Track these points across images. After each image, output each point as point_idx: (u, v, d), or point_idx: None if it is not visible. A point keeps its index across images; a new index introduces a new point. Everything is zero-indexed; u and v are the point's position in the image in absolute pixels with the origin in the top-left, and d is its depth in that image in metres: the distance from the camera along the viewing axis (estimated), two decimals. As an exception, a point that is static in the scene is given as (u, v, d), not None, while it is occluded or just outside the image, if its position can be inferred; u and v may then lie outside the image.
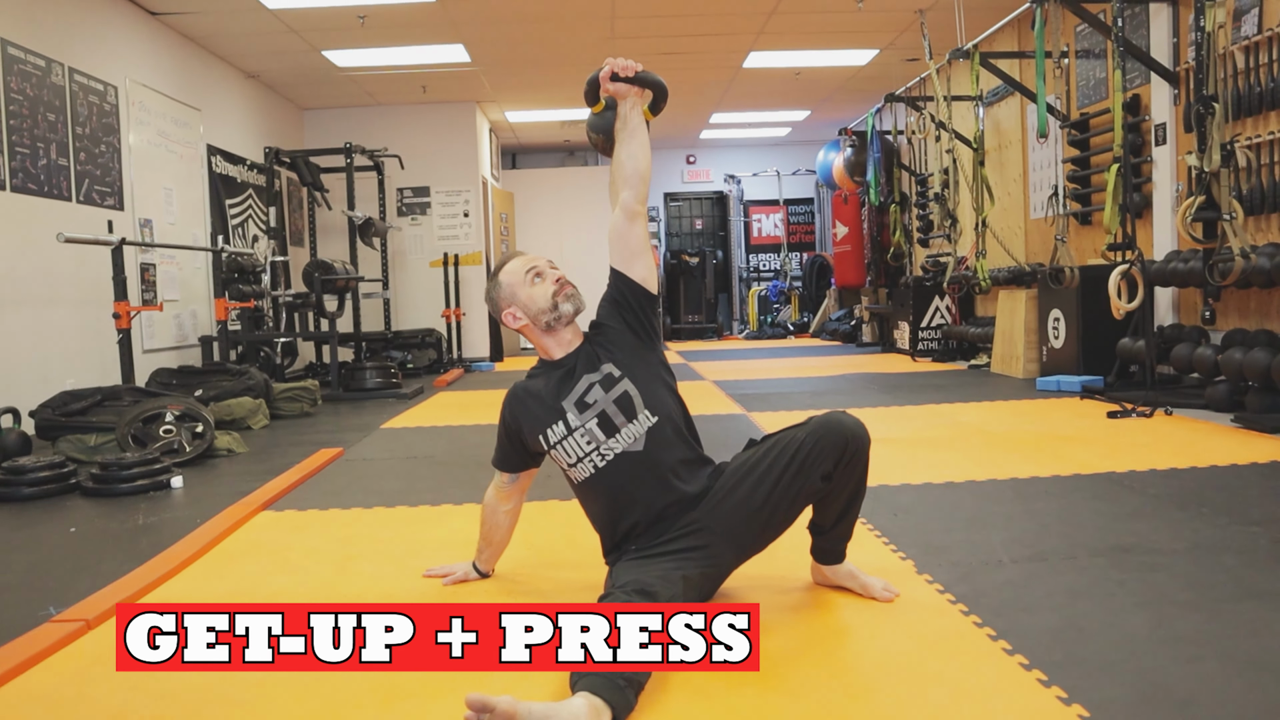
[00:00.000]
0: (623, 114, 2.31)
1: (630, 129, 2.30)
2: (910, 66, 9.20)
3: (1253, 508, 2.97)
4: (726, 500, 2.16)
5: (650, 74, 2.31)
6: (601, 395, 2.22)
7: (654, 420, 2.21)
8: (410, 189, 10.11)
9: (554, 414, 2.23)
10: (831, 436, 2.13)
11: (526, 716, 1.50)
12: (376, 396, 7.00)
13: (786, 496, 2.14)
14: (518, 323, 2.31)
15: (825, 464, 2.12)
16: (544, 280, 2.29)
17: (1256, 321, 4.94)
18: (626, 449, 2.19)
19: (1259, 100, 4.78)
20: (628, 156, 2.30)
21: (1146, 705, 1.66)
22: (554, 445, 2.24)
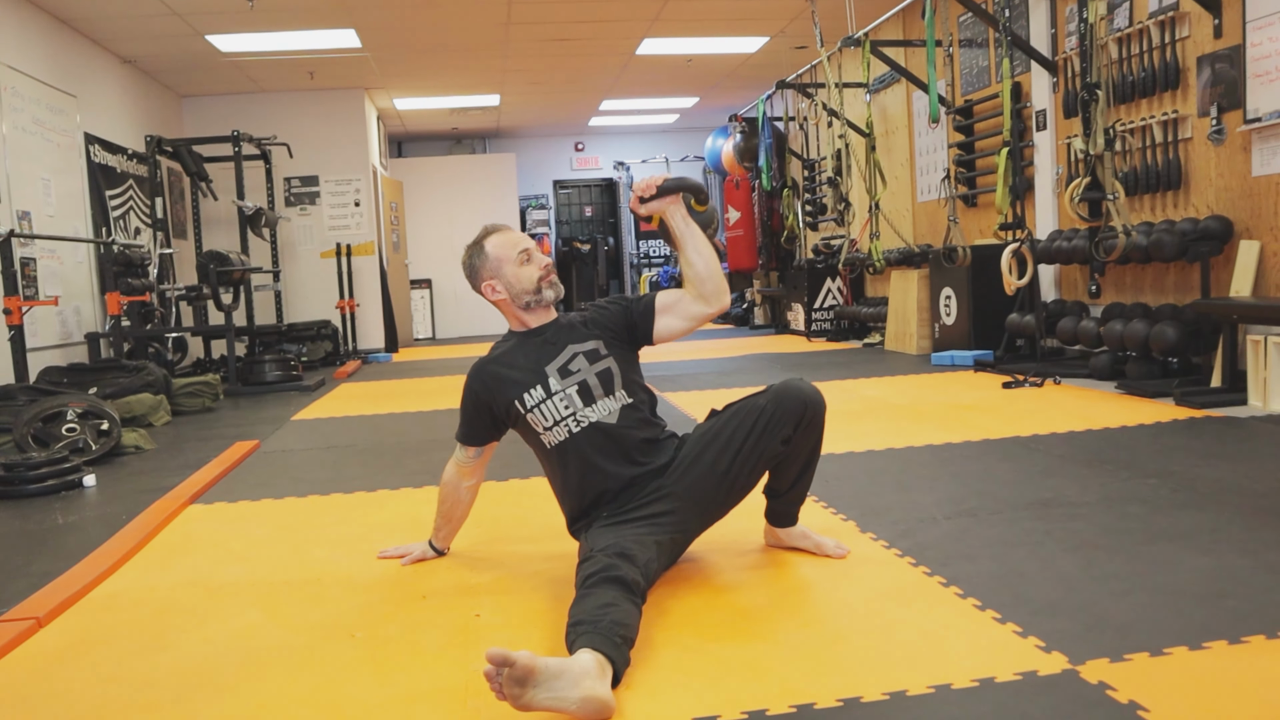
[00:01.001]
0: (673, 229, 2.32)
1: (683, 237, 2.31)
2: (798, 54, 9.44)
3: (1148, 463, 3.23)
4: (693, 468, 2.25)
5: (675, 181, 2.31)
6: (585, 366, 2.30)
7: (629, 401, 2.31)
8: (298, 178, 9.84)
9: (535, 377, 2.29)
10: (791, 402, 2.25)
11: (544, 670, 1.56)
12: (277, 390, 6.83)
13: (749, 461, 2.25)
14: (496, 295, 2.35)
15: (785, 428, 2.24)
16: (533, 263, 2.35)
17: (1132, 295, 5.31)
18: (601, 419, 2.26)
19: (1131, 88, 5.13)
20: (687, 265, 2.32)
21: (1092, 633, 1.82)
22: (530, 409, 2.28)
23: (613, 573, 1.90)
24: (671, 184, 2.29)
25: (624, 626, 1.76)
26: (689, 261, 2.32)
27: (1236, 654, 1.71)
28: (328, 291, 9.82)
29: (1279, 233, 4.36)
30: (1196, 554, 2.26)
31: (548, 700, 1.56)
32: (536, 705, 1.56)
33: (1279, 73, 4.29)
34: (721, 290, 2.33)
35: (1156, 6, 4.98)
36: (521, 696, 1.55)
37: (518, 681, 1.54)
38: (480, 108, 11.41)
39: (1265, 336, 4.00)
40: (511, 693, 1.54)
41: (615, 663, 1.67)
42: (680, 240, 2.31)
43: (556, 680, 1.57)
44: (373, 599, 2.30)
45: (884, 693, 1.62)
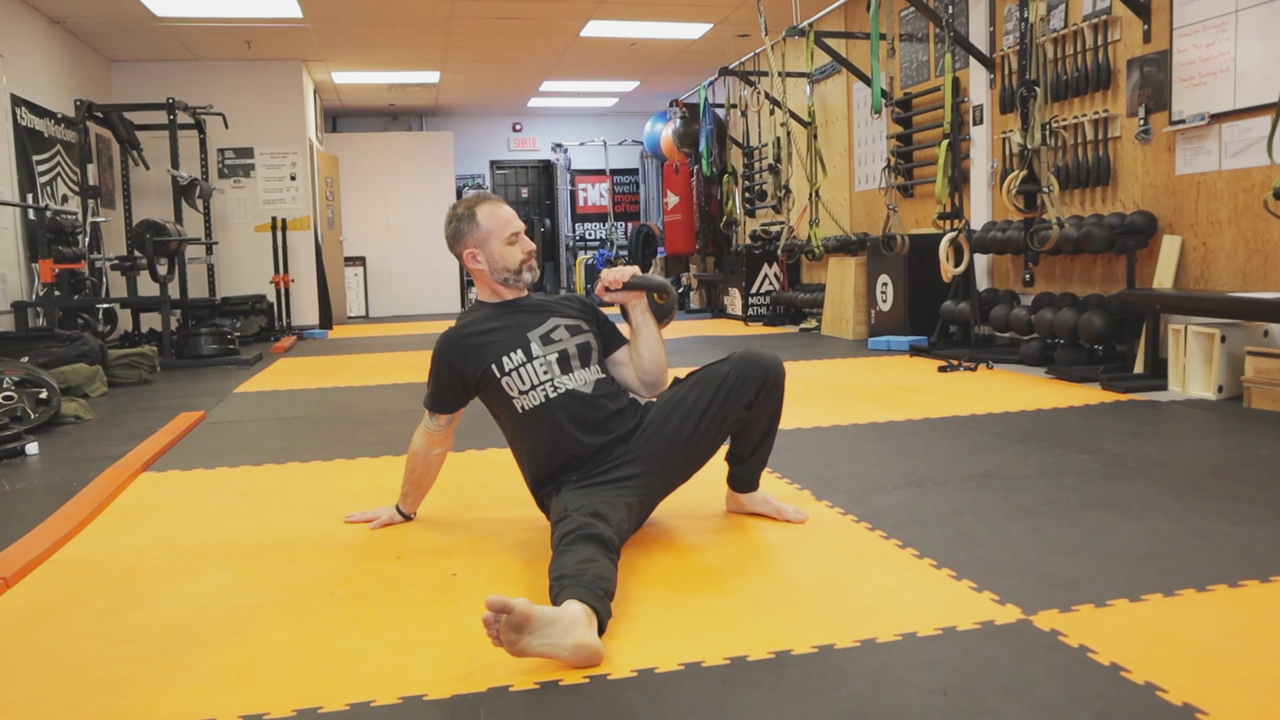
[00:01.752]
0: (631, 320, 2.48)
1: (639, 331, 2.47)
2: (740, 42, 9.56)
3: (1079, 441, 3.42)
4: (659, 432, 2.34)
5: (641, 279, 2.44)
6: (566, 336, 2.39)
7: (602, 376, 2.41)
8: (232, 150, 9.64)
9: (517, 340, 2.36)
10: (753, 368, 2.36)
11: (539, 617, 1.63)
12: (213, 364, 6.73)
13: (713, 426, 2.34)
14: (476, 264, 2.42)
15: (748, 393, 2.34)
16: (519, 246, 2.42)
17: (1061, 285, 5.55)
18: (576, 388, 2.34)
19: (1065, 87, 5.35)
20: (635, 354, 2.47)
21: (1042, 588, 1.96)
22: (509, 371, 2.34)
23: (590, 530, 1.97)
24: (638, 282, 2.44)
25: (605, 580, 1.83)
26: (638, 352, 2.47)
27: (1171, 605, 1.86)
28: (261, 266, 9.65)
29: (1199, 229, 4.61)
30: (1129, 520, 2.42)
31: (541, 646, 1.63)
32: (531, 651, 1.62)
33: (1202, 78, 4.52)
34: (659, 385, 2.46)
35: (1090, 10, 5.20)
36: (518, 642, 1.61)
37: (515, 628, 1.61)
38: (419, 84, 11.30)
39: (1185, 326, 4.23)
40: (508, 638, 1.61)
41: (600, 614, 1.74)
42: (635, 332, 2.48)
43: (550, 627, 1.64)
44: (347, 560, 2.34)
45: (855, 640, 1.73)
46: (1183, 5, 4.61)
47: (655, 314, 2.48)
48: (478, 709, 1.53)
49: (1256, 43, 4.25)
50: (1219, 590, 1.93)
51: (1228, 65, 4.39)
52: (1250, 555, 2.13)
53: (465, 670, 1.66)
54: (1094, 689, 1.51)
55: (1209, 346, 4.14)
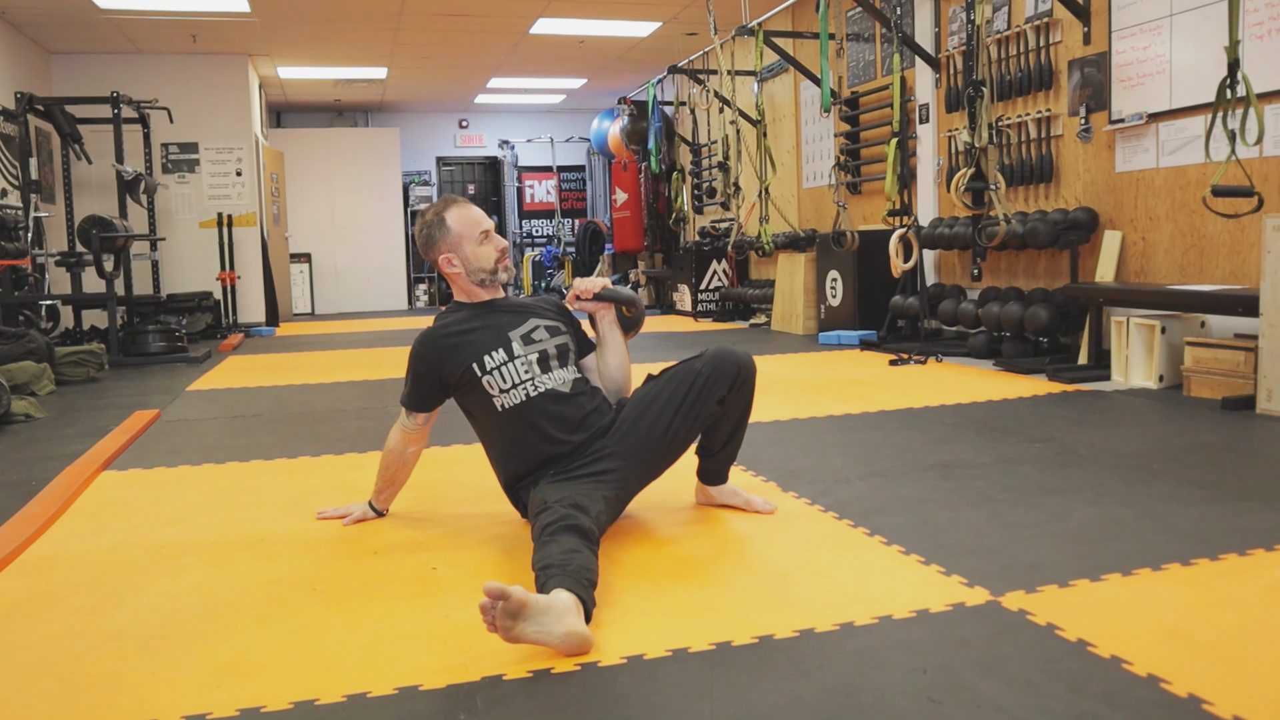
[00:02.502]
0: (599, 330, 2.55)
1: (605, 343, 2.54)
2: (689, 40, 9.62)
3: (1031, 430, 3.54)
4: (634, 428, 2.38)
5: (611, 291, 2.51)
6: (546, 337, 2.44)
7: (579, 376, 2.46)
8: (177, 144, 9.46)
9: (498, 340, 2.40)
10: (725, 364, 2.42)
11: (534, 605, 1.66)
12: (162, 361, 6.62)
13: (687, 420, 2.40)
14: (452, 268, 2.44)
15: (720, 389, 2.40)
16: (491, 242, 2.45)
17: (1006, 280, 5.70)
18: (555, 387, 2.38)
19: (1009, 87, 5.50)
20: (603, 364, 2.54)
21: (1008, 571, 2.04)
22: (490, 370, 2.37)
23: (571, 521, 2.01)
24: (608, 294, 2.51)
25: (589, 570, 1.88)
26: (605, 362, 2.53)
27: (1129, 584, 1.95)
28: (206, 262, 9.50)
29: (1139, 224, 4.78)
30: (1085, 505, 2.53)
31: (534, 633, 1.67)
32: (524, 638, 1.66)
33: (1140, 79, 4.69)
34: (623, 393, 2.53)
35: (1033, 12, 5.35)
36: (512, 629, 1.65)
37: (510, 614, 1.64)
38: (366, 80, 11.19)
39: (1128, 318, 4.39)
40: (504, 624, 1.65)
41: (586, 603, 1.79)
42: (602, 342, 2.55)
43: (544, 615, 1.68)
44: (324, 556, 2.35)
45: (834, 624, 1.79)
46: (1121, 9, 4.77)
47: (622, 325, 2.55)
48: (474, 697, 1.56)
49: (1190, 46, 4.43)
50: (1173, 569, 2.03)
51: (1164, 67, 4.56)
52: (1199, 535, 2.25)
53: (458, 660, 1.69)
54: (1064, 663, 1.60)
55: (1150, 338, 4.30)
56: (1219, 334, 4.25)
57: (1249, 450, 3.18)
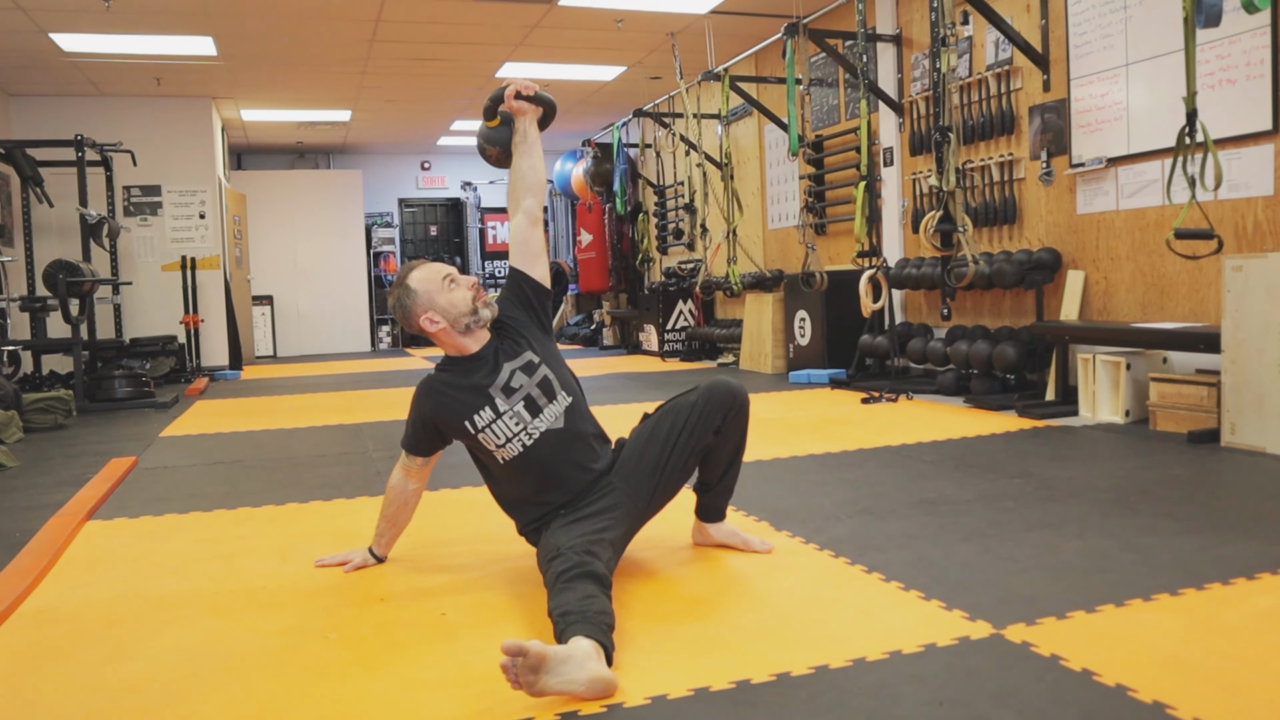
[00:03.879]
0: (522, 129, 2.59)
1: (529, 143, 2.59)
2: (653, 84, 9.80)
3: (1009, 465, 3.64)
4: (638, 466, 2.43)
5: (545, 94, 2.59)
6: (525, 380, 2.43)
7: (569, 400, 2.46)
8: (139, 187, 9.41)
9: (481, 399, 2.40)
10: (720, 394, 2.49)
11: (553, 656, 1.69)
12: (129, 407, 6.54)
13: (684, 452, 2.46)
14: (435, 326, 2.43)
15: (716, 419, 2.47)
16: (460, 285, 2.45)
17: (972, 318, 5.85)
18: (550, 427, 2.40)
19: (972, 132, 5.68)
20: (529, 168, 2.59)
21: (1006, 604, 2.11)
22: (481, 429, 2.39)
23: (586, 569, 2.05)
24: (545, 98, 2.59)
25: (606, 615, 1.91)
26: (532, 166, 2.58)
27: (1123, 614, 2.03)
28: (169, 306, 9.42)
29: (1100, 264, 4.95)
30: (1070, 539, 2.61)
31: (558, 684, 1.69)
32: (549, 690, 1.69)
33: (1099, 125, 4.88)
34: (544, 194, 2.61)
35: (994, 59, 5.55)
36: (535, 683, 1.68)
37: (532, 669, 1.67)
38: (330, 122, 11.23)
39: (1094, 355, 4.53)
40: (526, 680, 1.67)
41: (606, 648, 1.82)
42: (531, 144, 2.59)
43: (564, 665, 1.71)
44: (330, 603, 2.35)
45: (847, 659, 1.84)
46: (1079, 58, 4.97)
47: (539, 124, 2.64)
48: (505, 740, 1.59)
49: (1146, 93, 4.62)
50: (1163, 599, 2.11)
51: (1121, 114, 4.75)
52: (1183, 566, 2.34)
53: (483, 706, 1.71)
54: (1072, 693, 1.66)
55: (1115, 374, 4.44)
56: (1181, 370, 4.40)
57: (1218, 482, 3.30)
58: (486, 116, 2.64)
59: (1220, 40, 4.17)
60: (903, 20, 6.39)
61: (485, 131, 2.66)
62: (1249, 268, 3.65)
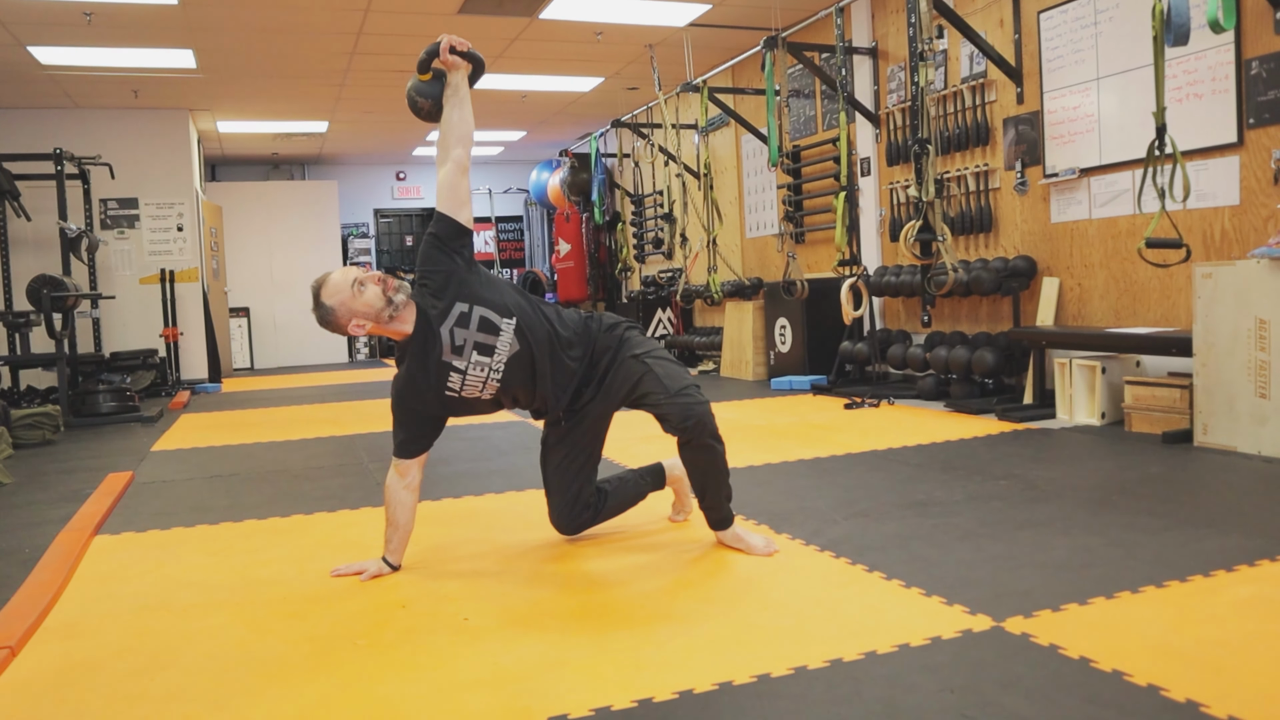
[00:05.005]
0: (454, 83, 2.73)
1: (460, 96, 2.74)
2: (630, 95, 9.90)
3: (993, 468, 3.77)
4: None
5: (475, 52, 2.74)
6: (465, 333, 2.62)
7: (513, 322, 2.65)
8: (116, 200, 9.38)
9: (444, 370, 2.61)
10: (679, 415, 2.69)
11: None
12: (114, 421, 6.54)
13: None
14: (364, 329, 2.60)
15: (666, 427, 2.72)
16: (368, 284, 2.58)
17: (950, 325, 6.00)
18: (510, 355, 2.64)
19: (948, 143, 5.84)
20: (459, 119, 2.73)
21: (1002, 599, 2.23)
22: (461, 389, 2.63)
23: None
24: (475, 55, 2.71)
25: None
26: (463, 118, 2.69)
27: (1114, 606, 2.15)
28: (148, 319, 9.40)
29: (1074, 271, 5.11)
30: (1058, 536, 2.74)
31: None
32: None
33: (1071, 136, 5.04)
34: (471, 144, 2.73)
35: (968, 72, 5.71)
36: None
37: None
38: (306, 134, 11.24)
39: (1070, 360, 4.69)
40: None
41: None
42: (462, 98, 2.70)
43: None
44: (351, 611, 2.42)
45: (859, 653, 1.95)
46: (1051, 71, 5.14)
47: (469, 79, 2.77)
48: (545, 735, 1.68)
49: (1117, 106, 4.79)
50: (1149, 591, 2.24)
51: (1093, 125, 4.92)
52: (1165, 560, 2.47)
53: (522, 704, 1.80)
54: (1073, 678, 1.78)
55: (1091, 378, 4.60)
56: (1153, 373, 4.56)
57: (1193, 481, 3.45)
58: (420, 70, 2.74)
59: (1187, 56, 4.35)
60: (878, 33, 6.55)
61: (418, 85, 2.76)
62: (1219, 275, 3.81)
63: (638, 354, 2.76)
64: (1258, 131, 4.14)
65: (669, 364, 2.77)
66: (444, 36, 2.67)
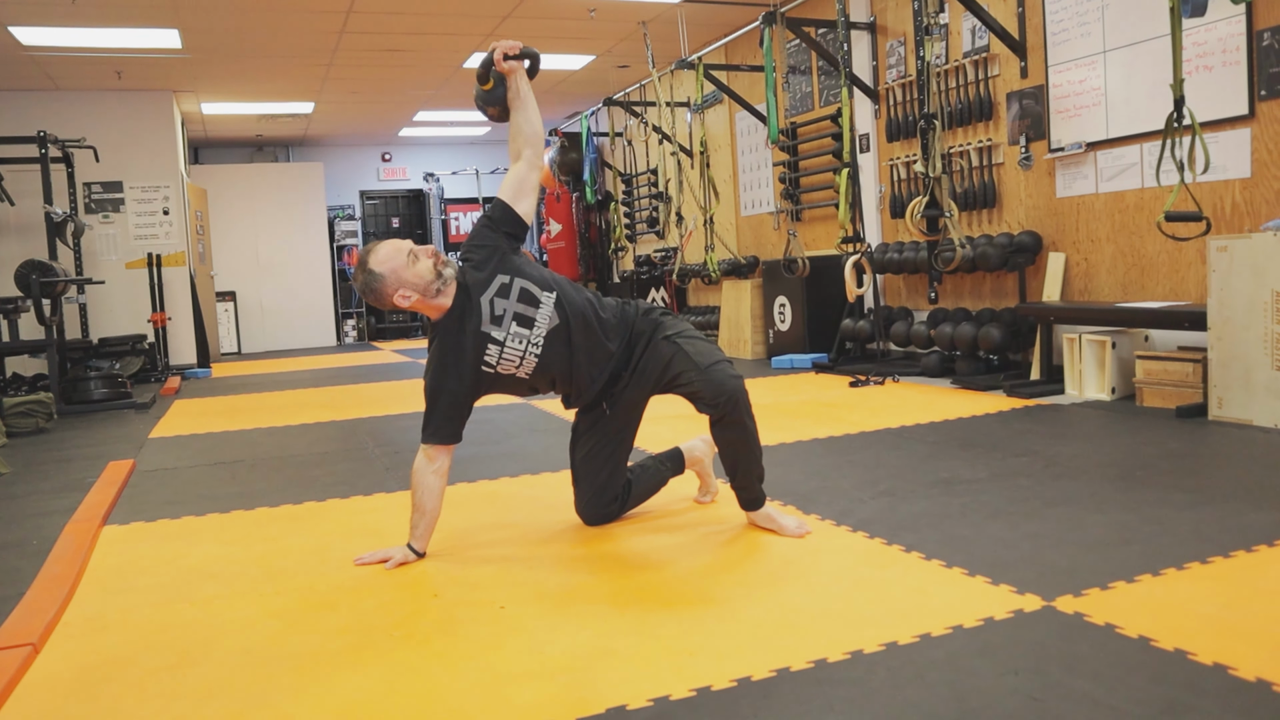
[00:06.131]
0: (515, 86, 2.75)
1: (523, 98, 2.75)
2: (620, 73, 9.80)
3: (1012, 444, 3.75)
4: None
5: (529, 48, 2.74)
6: (505, 303, 2.61)
7: (554, 295, 2.65)
8: (100, 184, 9.22)
9: (482, 341, 2.59)
10: (712, 391, 2.65)
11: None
12: (107, 408, 6.44)
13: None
14: (408, 301, 2.58)
15: (699, 406, 2.69)
16: (421, 257, 2.58)
17: (953, 301, 5.98)
18: (550, 328, 2.62)
19: (950, 118, 5.79)
20: (525, 121, 2.76)
21: (1048, 577, 2.20)
22: (498, 363, 2.61)
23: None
24: (529, 51, 2.72)
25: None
26: (528, 119, 2.74)
27: (1161, 583, 2.13)
28: (134, 304, 9.26)
29: (1081, 246, 5.09)
30: (1091, 513, 2.72)
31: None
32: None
33: (1077, 110, 5.01)
34: (542, 143, 2.77)
35: (970, 46, 5.66)
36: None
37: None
38: (291, 115, 11.08)
39: (1079, 335, 4.67)
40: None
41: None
42: (524, 101, 2.73)
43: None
44: (384, 601, 2.37)
45: (914, 635, 1.92)
46: (1056, 45, 5.09)
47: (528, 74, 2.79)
48: (605, 727, 1.63)
49: (1124, 80, 4.75)
50: (1194, 568, 2.22)
51: (1099, 99, 4.88)
52: (1204, 535, 2.45)
53: (576, 695, 1.75)
54: (1136, 658, 1.75)
55: (1101, 353, 4.58)
56: (1162, 347, 4.55)
57: (1215, 455, 3.44)
58: (480, 81, 2.77)
59: (1197, 28, 4.31)
60: (877, 8, 6.48)
61: (482, 94, 2.80)
62: (1234, 248, 3.79)
63: (669, 335, 2.72)
64: (1269, 103, 4.11)
65: (700, 342, 2.73)
66: (495, 44, 2.71)
